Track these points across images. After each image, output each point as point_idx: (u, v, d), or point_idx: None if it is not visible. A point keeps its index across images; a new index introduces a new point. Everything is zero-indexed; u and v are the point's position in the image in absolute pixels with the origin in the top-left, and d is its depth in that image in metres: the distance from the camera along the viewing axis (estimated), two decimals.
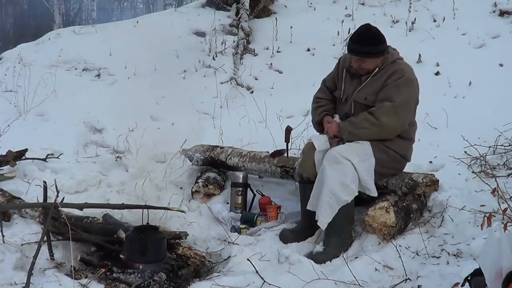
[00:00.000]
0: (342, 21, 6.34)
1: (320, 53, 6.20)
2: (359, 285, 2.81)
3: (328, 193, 3.17)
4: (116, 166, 4.55)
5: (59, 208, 3.10)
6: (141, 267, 2.95)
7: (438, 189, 3.45)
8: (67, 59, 6.18)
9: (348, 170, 3.18)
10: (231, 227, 3.70)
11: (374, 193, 3.29)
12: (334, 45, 6.05)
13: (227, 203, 4.05)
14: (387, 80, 3.30)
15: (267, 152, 4.13)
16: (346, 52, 3.50)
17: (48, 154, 4.34)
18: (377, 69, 3.36)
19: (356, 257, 3.14)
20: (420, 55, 5.49)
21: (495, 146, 3.88)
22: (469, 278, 2.22)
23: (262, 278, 2.88)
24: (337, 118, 3.49)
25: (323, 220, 3.19)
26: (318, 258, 3.14)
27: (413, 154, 3.51)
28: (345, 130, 3.33)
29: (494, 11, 6.22)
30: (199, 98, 5.57)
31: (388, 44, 3.41)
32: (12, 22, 23.94)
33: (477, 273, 2.15)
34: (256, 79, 6.05)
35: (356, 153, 3.24)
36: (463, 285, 2.23)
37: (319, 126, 3.59)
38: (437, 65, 5.45)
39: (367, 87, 3.37)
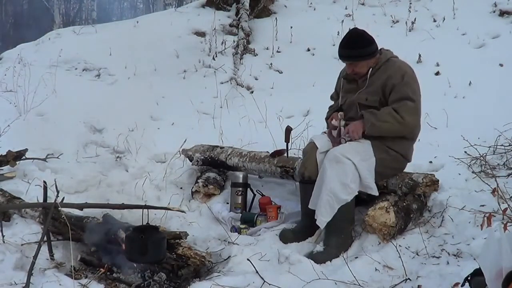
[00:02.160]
0: (342, 21, 6.34)
1: (320, 53, 6.21)
2: (359, 285, 2.81)
3: (327, 192, 3.18)
4: (116, 166, 4.55)
5: (59, 208, 3.10)
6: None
7: (438, 189, 3.44)
8: (67, 59, 6.16)
9: (348, 170, 3.19)
10: (231, 227, 3.70)
11: (375, 192, 3.29)
12: (334, 45, 6.03)
13: (227, 203, 4.05)
14: (389, 79, 3.31)
15: (267, 152, 4.13)
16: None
17: (48, 154, 4.34)
18: (371, 69, 3.38)
19: (356, 257, 3.13)
20: (420, 55, 5.49)
21: (495, 146, 3.87)
22: (469, 278, 2.22)
23: (262, 278, 2.87)
24: (340, 115, 3.48)
25: (322, 219, 3.20)
26: (318, 258, 3.13)
27: (413, 154, 3.50)
28: (368, 121, 3.30)
29: (494, 11, 6.23)
30: (199, 98, 5.58)
31: (385, 44, 3.44)
32: (12, 22, 23.95)
33: (477, 273, 2.15)
34: (256, 79, 6.06)
35: (357, 152, 3.24)
36: (463, 285, 2.23)
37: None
38: (437, 65, 5.45)
39: (367, 88, 3.39)
